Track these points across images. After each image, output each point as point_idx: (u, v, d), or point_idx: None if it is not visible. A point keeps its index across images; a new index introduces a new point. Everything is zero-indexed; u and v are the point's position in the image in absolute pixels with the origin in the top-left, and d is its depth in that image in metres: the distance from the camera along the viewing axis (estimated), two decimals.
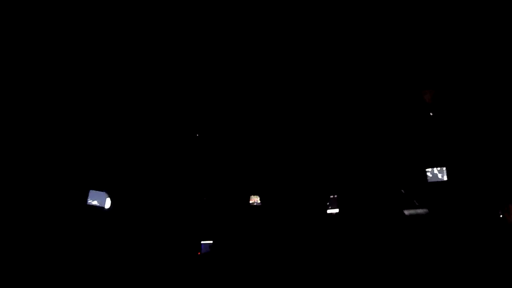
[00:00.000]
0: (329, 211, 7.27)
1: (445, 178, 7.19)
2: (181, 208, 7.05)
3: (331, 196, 7.33)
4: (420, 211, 6.77)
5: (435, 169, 7.23)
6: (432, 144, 7.47)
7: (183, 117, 7.40)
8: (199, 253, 6.43)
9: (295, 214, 7.40)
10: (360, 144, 7.67)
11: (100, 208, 6.10)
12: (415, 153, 7.55)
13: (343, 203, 7.23)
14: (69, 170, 6.29)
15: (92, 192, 6.02)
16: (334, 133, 7.71)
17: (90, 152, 6.62)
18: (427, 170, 7.26)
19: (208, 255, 6.07)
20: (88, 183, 6.31)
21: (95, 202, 6.03)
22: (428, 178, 7.25)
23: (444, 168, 7.17)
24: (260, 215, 7.27)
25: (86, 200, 6.03)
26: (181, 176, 7.24)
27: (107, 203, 6.22)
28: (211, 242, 6.38)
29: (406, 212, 6.71)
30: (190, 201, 7.15)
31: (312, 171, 7.67)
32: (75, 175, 6.30)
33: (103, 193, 6.09)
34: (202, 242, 6.38)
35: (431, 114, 7.38)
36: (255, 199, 7.16)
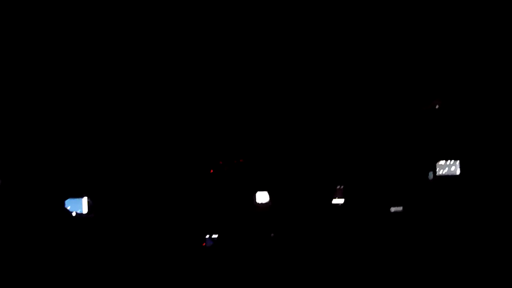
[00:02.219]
0: (334, 201, 6.95)
1: (458, 172, 6.66)
2: (186, 201, 6.80)
3: (338, 187, 6.95)
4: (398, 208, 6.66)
5: (447, 162, 6.70)
6: (444, 136, 6.96)
7: (183, 116, 7.04)
8: (203, 244, 6.22)
9: (300, 205, 7.05)
10: (369, 136, 7.22)
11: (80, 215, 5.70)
12: (426, 145, 7.04)
13: (349, 194, 6.92)
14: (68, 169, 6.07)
15: (69, 200, 5.60)
16: (342, 123, 7.28)
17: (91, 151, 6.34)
18: (439, 163, 6.73)
19: (213, 246, 6.09)
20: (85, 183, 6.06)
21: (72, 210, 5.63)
22: (440, 171, 6.73)
23: (458, 162, 6.64)
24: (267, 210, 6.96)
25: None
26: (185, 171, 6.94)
27: (84, 208, 5.79)
28: (216, 235, 6.29)
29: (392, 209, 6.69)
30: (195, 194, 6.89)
31: (318, 161, 7.25)
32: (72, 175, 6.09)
33: (79, 200, 5.70)
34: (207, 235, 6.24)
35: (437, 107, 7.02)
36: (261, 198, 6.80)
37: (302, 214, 6.83)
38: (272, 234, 7.08)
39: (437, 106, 6.91)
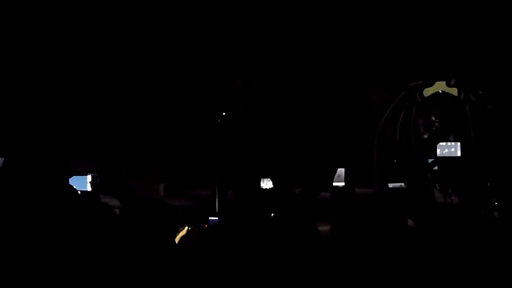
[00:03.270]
0: (335, 183, 6.88)
1: (459, 153, 6.74)
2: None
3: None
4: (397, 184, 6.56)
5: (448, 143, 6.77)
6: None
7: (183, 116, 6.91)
8: (206, 226, 6.12)
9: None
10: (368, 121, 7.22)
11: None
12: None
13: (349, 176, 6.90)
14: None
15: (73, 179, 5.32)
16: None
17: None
18: (439, 144, 6.79)
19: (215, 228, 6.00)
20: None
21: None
22: (440, 152, 6.78)
23: (459, 144, 6.70)
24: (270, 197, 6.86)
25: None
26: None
27: (89, 186, 5.52)
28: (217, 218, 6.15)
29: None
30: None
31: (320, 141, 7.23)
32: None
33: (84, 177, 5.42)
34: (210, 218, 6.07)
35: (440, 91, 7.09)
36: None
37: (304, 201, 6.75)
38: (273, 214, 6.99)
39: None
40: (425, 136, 7.11)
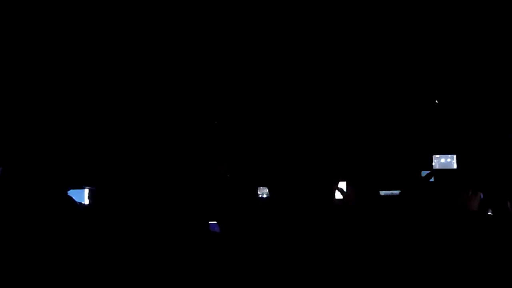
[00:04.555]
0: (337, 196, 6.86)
1: (455, 166, 6.77)
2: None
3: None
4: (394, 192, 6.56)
5: (444, 156, 6.79)
6: (441, 130, 7.06)
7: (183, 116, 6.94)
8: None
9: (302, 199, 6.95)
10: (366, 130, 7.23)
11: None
12: (423, 139, 7.12)
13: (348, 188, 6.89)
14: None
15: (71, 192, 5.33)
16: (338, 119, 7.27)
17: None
18: (435, 156, 6.81)
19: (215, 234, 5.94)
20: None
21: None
22: (436, 165, 6.81)
23: (455, 156, 6.73)
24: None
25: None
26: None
27: (86, 199, 5.53)
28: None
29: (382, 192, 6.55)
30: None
31: (318, 156, 7.20)
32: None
33: (81, 191, 5.42)
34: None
35: (436, 101, 7.11)
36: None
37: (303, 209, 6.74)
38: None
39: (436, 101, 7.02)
40: None
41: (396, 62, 7.00)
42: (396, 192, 6.60)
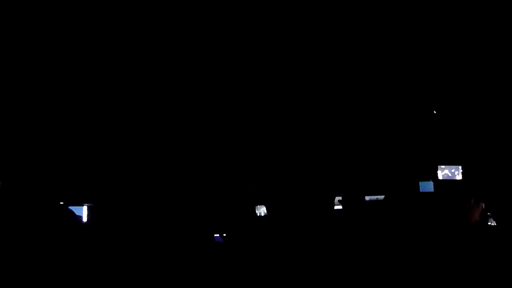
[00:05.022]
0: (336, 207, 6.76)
1: (460, 177, 6.66)
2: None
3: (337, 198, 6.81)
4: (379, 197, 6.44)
5: (449, 167, 6.69)
6: (445, 141, 6.96)
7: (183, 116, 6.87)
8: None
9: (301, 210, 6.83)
10: (368, 141, 7.13)
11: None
12: (428, 150, 7.02)
13: (349, 199, 6.79)
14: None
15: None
16: (341, 129, 7.18)
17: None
18: (440, 167, 6.71)
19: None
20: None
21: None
22: (442, 176, 6.71)
23: (460, 167, 6.63)
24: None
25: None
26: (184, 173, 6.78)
27: (84, 216, 5.44)
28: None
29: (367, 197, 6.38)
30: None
31: (317, 167, 7.11)
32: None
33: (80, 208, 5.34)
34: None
35: (435, 112, 7.02)
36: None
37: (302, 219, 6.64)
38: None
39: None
40: None
41: (403, 73, 6.93)
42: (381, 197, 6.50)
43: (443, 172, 6.68)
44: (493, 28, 6.32)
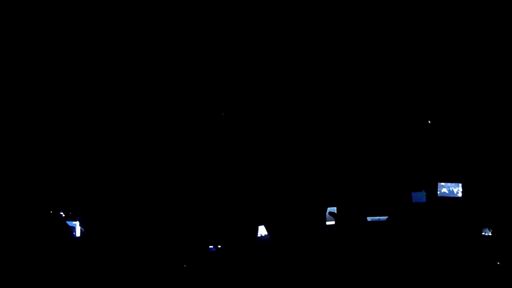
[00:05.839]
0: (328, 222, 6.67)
1: (460, 194, 6.58)
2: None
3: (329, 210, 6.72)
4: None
5: (448, 185, 6.61)
6: (446, 156, 6.89)
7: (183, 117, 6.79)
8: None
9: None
10: (365, 153, 7.05)
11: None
12: (428, 165, 6.94)
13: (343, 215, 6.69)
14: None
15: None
16: (337, 140, 7.10)
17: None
18: (440, 184, 6.63)
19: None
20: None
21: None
22: (441, 193, 6.62)
23: (460, 185, 6.55)
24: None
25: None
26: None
27: (78, 232, 5.37)
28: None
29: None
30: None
31: (312, 177, 7.03)
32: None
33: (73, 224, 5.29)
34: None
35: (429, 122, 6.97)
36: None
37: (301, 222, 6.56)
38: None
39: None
40: None
41: (403, 81, 6.87)
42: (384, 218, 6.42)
43: (442, 190, 6.61)
44: (495, 33, 6.28)
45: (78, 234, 5.39)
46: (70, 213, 5.53)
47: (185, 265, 5.49)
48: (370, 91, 6.96)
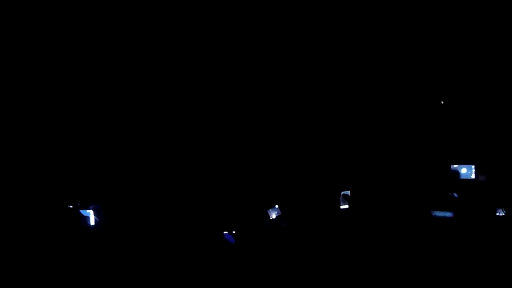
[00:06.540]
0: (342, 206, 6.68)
1: (473, 176, 6.54)
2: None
3: (343, 192, 6.72)
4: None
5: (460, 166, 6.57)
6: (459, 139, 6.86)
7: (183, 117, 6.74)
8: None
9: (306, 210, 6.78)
10: (377, 140, 7.04)
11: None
12: (439, 148, 6.92)
13: (356, 199, 6.68)
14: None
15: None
16: (348, 126, 7.10)
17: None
18: (452, 166, 6.59)
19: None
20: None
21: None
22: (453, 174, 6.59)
23: (473, 166, 6.51)
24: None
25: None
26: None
27: (92, 221, 5.43)
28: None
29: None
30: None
31: (322, 165, 7.04)
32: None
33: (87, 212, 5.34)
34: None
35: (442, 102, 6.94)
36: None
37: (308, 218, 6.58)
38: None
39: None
40: None
41: (412, 73, 6.87)
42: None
43: (461, 170, 6.57)
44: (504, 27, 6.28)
45: (92, 222, 5.44)
46: (78, 203, 5.56)
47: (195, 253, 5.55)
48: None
